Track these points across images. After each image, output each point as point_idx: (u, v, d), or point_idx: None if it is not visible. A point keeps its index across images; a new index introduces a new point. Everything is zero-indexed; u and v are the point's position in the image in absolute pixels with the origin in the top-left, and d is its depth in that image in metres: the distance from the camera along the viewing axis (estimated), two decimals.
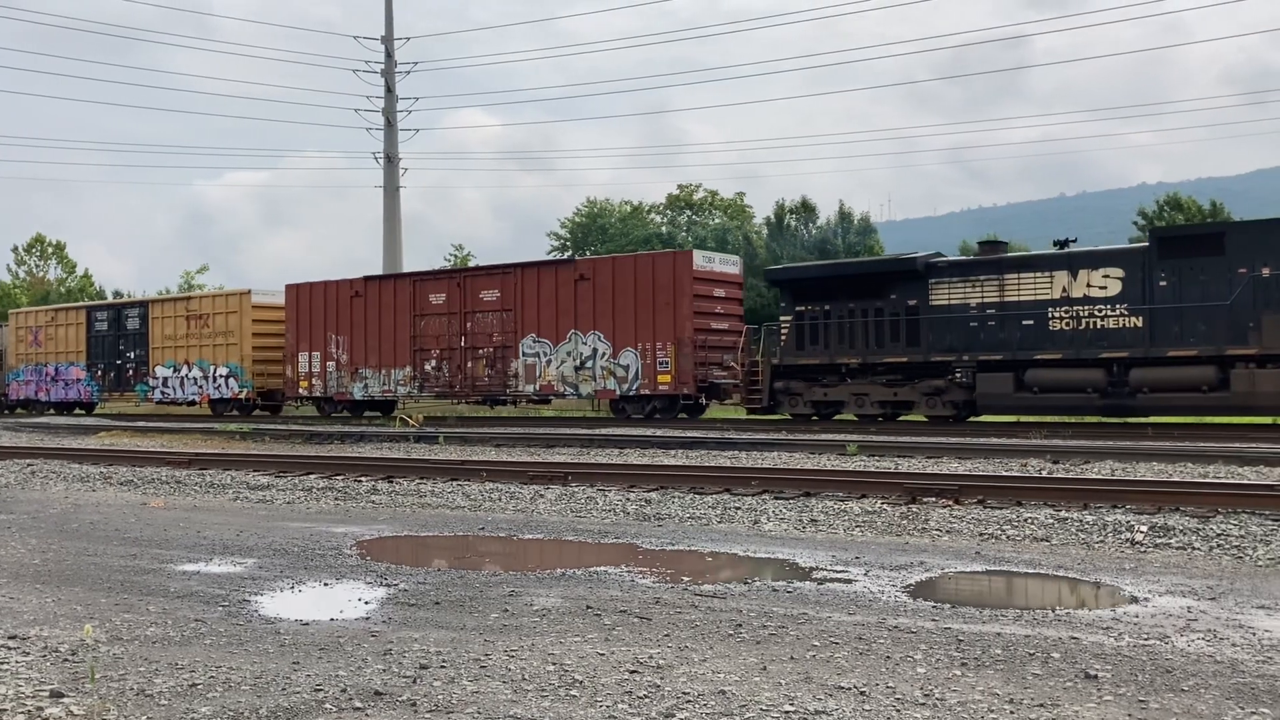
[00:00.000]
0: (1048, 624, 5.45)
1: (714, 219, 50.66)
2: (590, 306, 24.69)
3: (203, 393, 31.60)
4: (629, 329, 24.07)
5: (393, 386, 27.94)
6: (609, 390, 24.50)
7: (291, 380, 29.69)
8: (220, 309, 31.51)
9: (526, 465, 13.45)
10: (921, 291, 20.81)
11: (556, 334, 25.18)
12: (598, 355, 24.49)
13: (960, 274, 20.62)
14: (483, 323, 26.47)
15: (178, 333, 32.37)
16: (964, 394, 20.16)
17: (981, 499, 9.86)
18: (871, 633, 5.26)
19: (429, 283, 27.84)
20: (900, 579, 6.72)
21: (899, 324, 20.96)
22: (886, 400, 20.99)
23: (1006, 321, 20.00)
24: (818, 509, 9.86)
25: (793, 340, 22.15)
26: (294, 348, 29.58)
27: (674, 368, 23.36)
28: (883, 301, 21.20)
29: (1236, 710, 4.03)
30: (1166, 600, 6.01)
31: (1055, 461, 13.50)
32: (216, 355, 31.28)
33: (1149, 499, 9.32)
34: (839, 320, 21.62)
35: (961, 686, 4.34)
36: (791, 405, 22.03)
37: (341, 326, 28.74)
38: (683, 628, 5.40)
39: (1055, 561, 7.34)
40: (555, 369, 25.19)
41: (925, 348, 20.56)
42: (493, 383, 26.25)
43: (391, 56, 44.02)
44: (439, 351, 27.03)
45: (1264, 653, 4.84)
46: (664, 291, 23.56)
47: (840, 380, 21.48)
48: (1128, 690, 4.28)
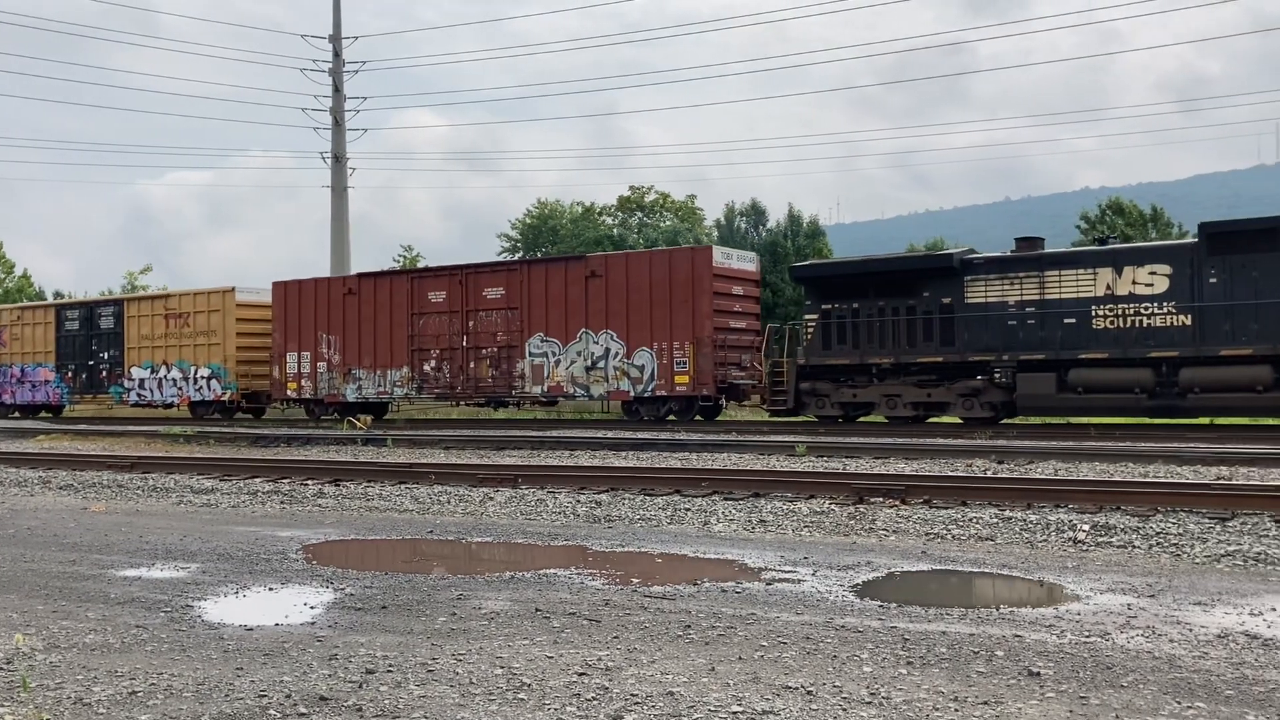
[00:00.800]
0: (992, 622, 5.52)
1: (665, 221, 50.75)
2: (602, 305, 23.63)
3: (183, 395, 30.14)
4: (644, 328, 23.09)
5: (389, 388, 26.77)
6: (622, 391, 23.51)
7: (279, 381, 28.45)
8: (202, 307, 30.01)
9: (476, 468, 13.37)
10: (956, 289, 20.02)
11: (566, 333, 24.13)
12: (610, 355, 23.50)
13: (998, 271, 19.85)
14: (486, 321, 25.35)
15: (155, 332, 30.85)
16: (1002, 395, 19.51)
17: (928, 499, 9.97)
18: (819, 632, 5.29)
19: (428, 280, 26.61)
20: (847, 579, 6.77)
21: (932, 323, 20.15)
22: (919, 402, 20.26)
23: (1047, 320, 19.21)
24: (767, 510, 9.90)
25: (818, 339, 21.27)
26: (281, 348, 28.30)
27: (692, 368, 22.47)
28: (915, 299, 20.35)
29: (1173, 705, 4.10)
30: (1107, 598, 6.11)
31: (1000, 462, 13.69)
32: (198, 355, 29.87)
33: (1091, 498, 9.47)
34: (868, 319, 20.74)
35: (907, 685, 4.38)
36: (818, 407, 21.23)
37: (333, 325, 27.50)
38: (632, 629, 5.40)
39: (1000, 560, 7.43)
40: (565, 369, 24.14)
41: (961, 347, 19.81)
42: (497, 384, 25.15)
43: (339, 56, 43.59)
44: (439, 351, 25.92)
45: (1200, 648, 4.94)
46: (682, 289, 22.66)
47: (870, 381, 20.71)
48: (1069, 687, 4.35)
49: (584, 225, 50.11)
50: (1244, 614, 5.64)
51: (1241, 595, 6.11)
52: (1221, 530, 8.17)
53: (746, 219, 50.37)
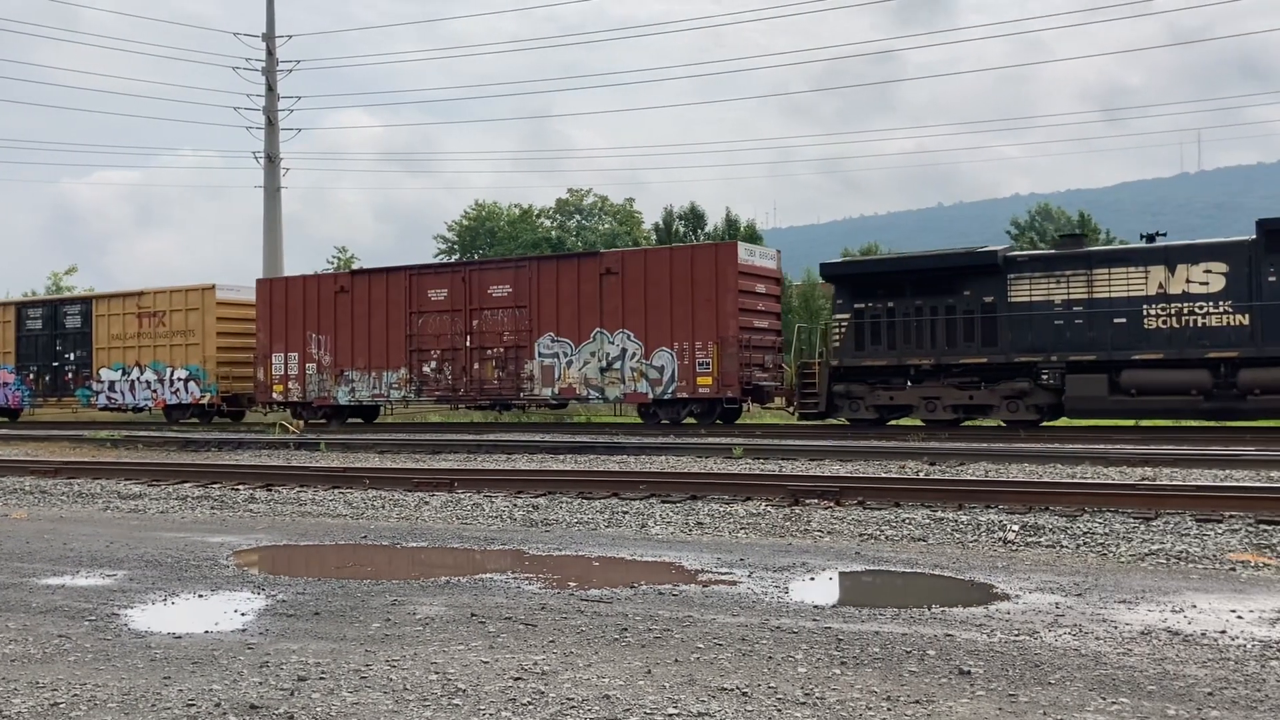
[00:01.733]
0: (924, 622, 5.60)
1: (604, 224, 50.75)
2: (618, 303, 22.81)
3: (157, 397, 28.87)
4: (664, 327, 22.33)
5: (385, 390, 25.69)
6: (640, 393, 22.72)
7: (264, 384, 27.28)
8: (179, 305, 28.70)
9: (411, 472, 13.25)
10: (999, 287, 19.51)
11: (579, 332, 23.28)
12: (627, 355, 22.73)
13: (1043, 268, 19.41)
14: (492, 321, 24.41)
15: (127, 332, 29.48)
16: (1049, 397, 19.10)
17: (861, 500, 10.09)
18: (755, 634, 5.32)
19: (428, 276, 25.60)
20: (783, 580, 6.82)
21: (974, 322, 19.65)
22: (960, 404, 19.79)
23: (1096, 319, 18.78)
24: (704, 512, 9.95)
25: (850, 340, 20.65)
26: (267, 348, 27.13)
27: (716, 369, 21.74)
28: (955, 298, 19.86)
29: (1099, 701, 4.19)
30: (1036, 597, 6.23)
31: (932, 463, 13.89)
32: (174, 356, 28.60)
33: (1020, 499, 9.65)
34: (904, 318, 20.18)
35: (841, 685, 4.42)
36: (852, 410, 20.62)
37: (324, 325, 26.41)
38: (568, 633, 5.39)
39: (932, 561, 7.54)
40: (577, 370, 23.31)
41: (1004, 347, 19.36)
42: (504, 386, 24.23)
43: (273, 54, 42.99)
44: (440, 352, 24.93)
45: (1124, 645, 5.05)
46: (704, 286, 21.92)
47: (907, 383, 20.15)
48: (999, 685, 4.42)
49: (522, 227, 49.93)
50: (1166, 611, 5.78)
51: (1164, 593, 6.26)
52: (1146, 530, 8.37)
53: (685, 223, 50.60)
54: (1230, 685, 4.37)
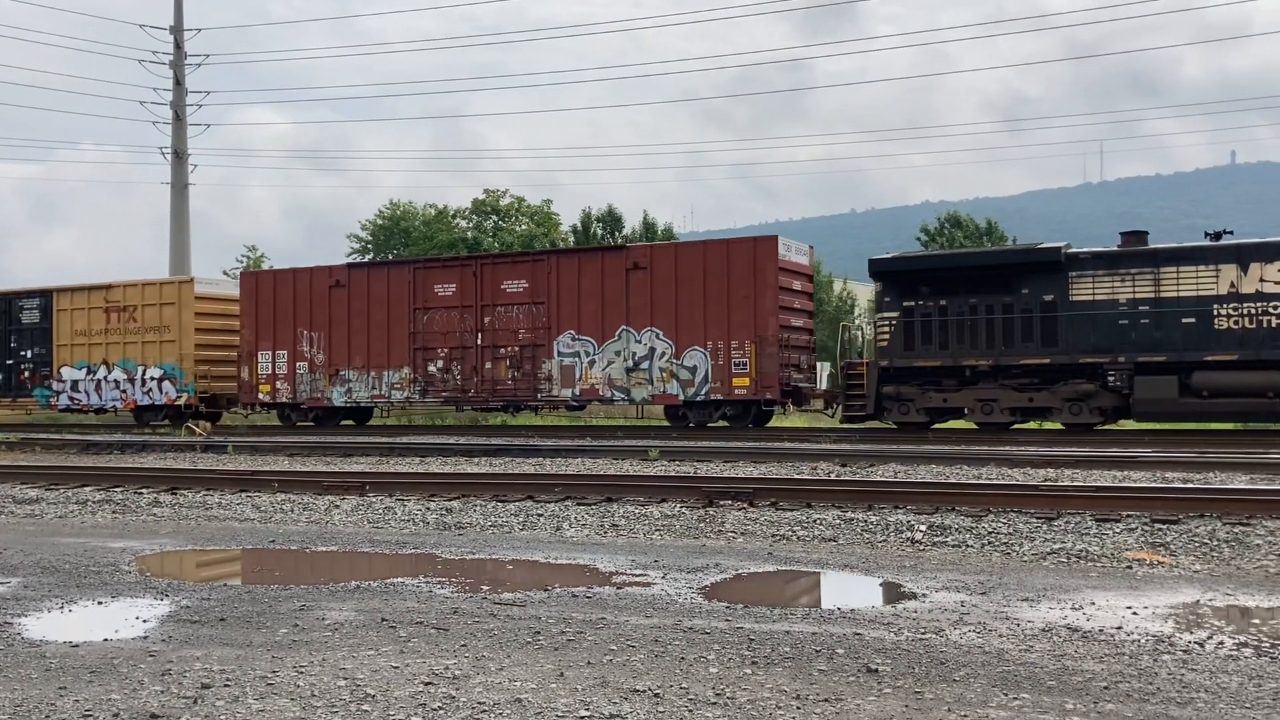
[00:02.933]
0: (833, 621, 5.68)
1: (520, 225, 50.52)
2: (646, 299, 21.64)
3: (127, 398, 27.01)
4: (696, 325, 21.22)
5: (385, 390, 24.21)
6: (670, 395, 21.60)
7: (249, 384, 25.58)
8: (153, 300, 26.73)
9: (321, 475, 13.04)
10: (1060, 285, 18.79)
11: (602, 331, 22.07)
12: (655, 355, 21.61)
13: (1107, 267, 18.70)
14: (505, 318, 23.05)
15: (93, 328, 27.44)
16: (1115, 399, 18.48)
17: (774, 501, 10.20)
18: (667, 635, 5.35)
19: (434, 271, 24.21)
20: (696, 581, 6.86)
21: (1032, 322, 18.92)
22: (1018, 407, 19.07)
23: (1163, 319, 18.15)
24: (619, 514, 9.96)
25: (898, 340, 19.76)
26: (252, 346, 25.46)
27: (754, 369, 20.73)
28: (1012, 296, 19.09)
29: (1001, 696, 4.30)
30: (942, 595, 6.36)
31: (843, 464, 14.10)
32: (147, 354, 26.64)
33: (928, 500, 9.85)
34: (957, 317, 19.38)
35: (751, 685, 4.46)
36: (901, 413, 19.79)
37: (317, 321, 24.78)
38: (481, 637, 5.35)
39: (842, 561, 7.65)
40: (601, 370, 22.09)
41: (1065, 347, 18.67)
42: (519, 386, 22.91)
43: (181, 48, 41.96)
44: (447, 351, 23.50)
45: (1026, 642, 5.19)
46: (742, 283, 20.92)
47: (962, 385, 19.40)
48: (905, 682, 4.50)
49: (437, 228, 49.45)
50: (1066, 608, 5.95)
51: (1064, 591, 6.44)
52: (1048, 529, 8.60)
53: (603, 225, 50.62)
54: (1125, 679, 4.52)
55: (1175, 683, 4.46)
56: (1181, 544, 7.94)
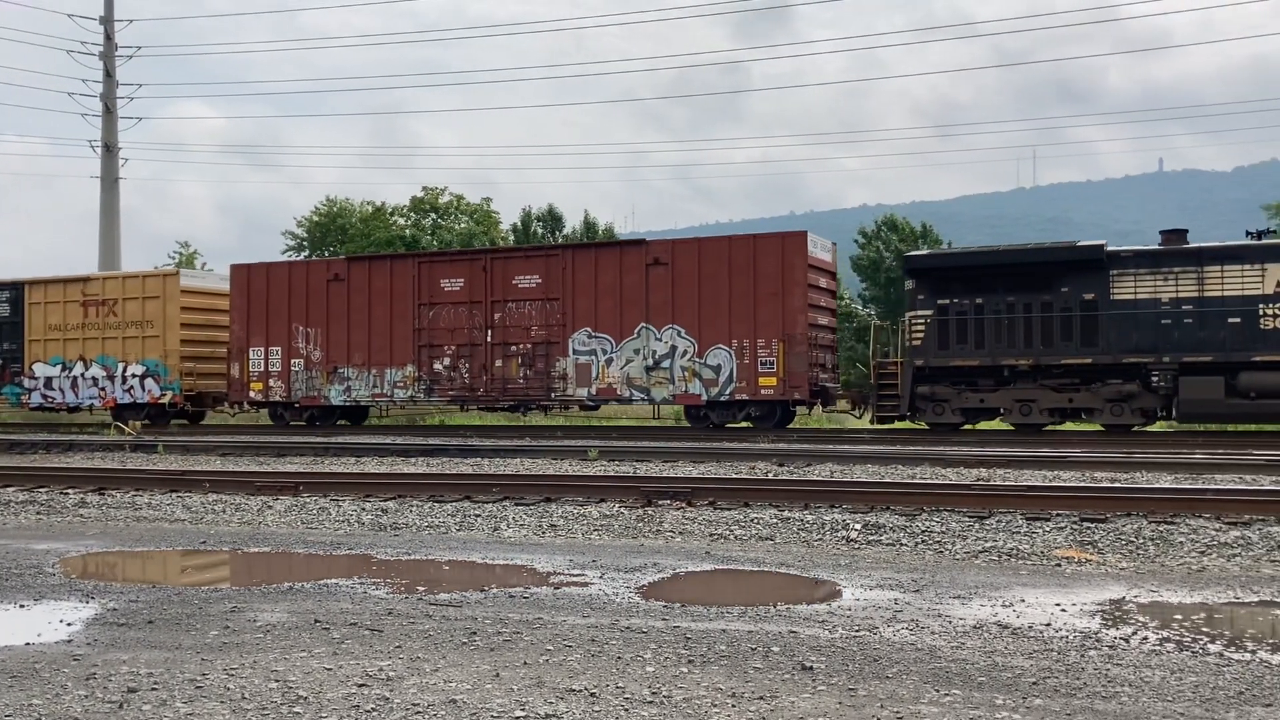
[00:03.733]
0: (769, 619, 5.72)
1: (460, 223, 50.16)
2: (667, 296, 21.02)
3: (106, 396, 25.75)
4: (720, 323, 20.62)
5: (387, 389, 23.27)
6: (692, 395, 20.97)
7: (239, 381, 24.45)
8: (135, 293, 25.56)
9: (254, 475, 12.84)
10: (1100, 284, 18.50)
11: (620, 328, 21.37)
12: (677, 353, 20.97)
13: (1149, 265, 18.44)
14: (517, 314, 22.23)
15: (69, 322, 26.06)
16: (1157, 400, 18.26)
17: (712, 501, 10.24)
18: (604, 634, 5.34)
19: (441, 265, 23.26)
20: (634, 580, 6.86)
21: (1072, 321, 18.62)
22: (1057, 407, 18.75)
23: (1207, 319, 17.94)
24: (557, 514, 9.93)
25: (932, 338, 19.34)
26: (243, 342, 24.37)
27: (781, 369, 20.19)
28: (1051, 295, 18.76)
29: (933, 693, 4.36)
30: (876, 593, 6.43)
31: (781, 464, 14.20)
32: (128, 350, 25.39)
33: (863, 499, 9.96)
34: (994, 315, 19.01)
35: (688, 683, 4.48)
36: (936, 413, 19.38)
37: (313, 317, 23.82)
38: (415, 638, 5.31)
39: (778, 559, 7.71)
40: (619, 369, 21.38)
41: (1105, 347, 18.41)
42: (531, 385, 22.11)
43: (111, 39, 41.06)
44: (454, 348, 22.65)
45: (958, 639, 5.26)
46: (769, 280, 20.35)
47: (998, 385, 19.05)
48: (839, 679, 4.55)
49: (375, 225, 48.93)
50: (997, 606, 6.05)
51: (995, 588, 6.55)
52: (980, 528, 8.73)
53: (543, 224, 50.44)
54: (1053, 675, 4.60)
55: (1101, 677, 4.56)
56: (1109, 542, 8.11)
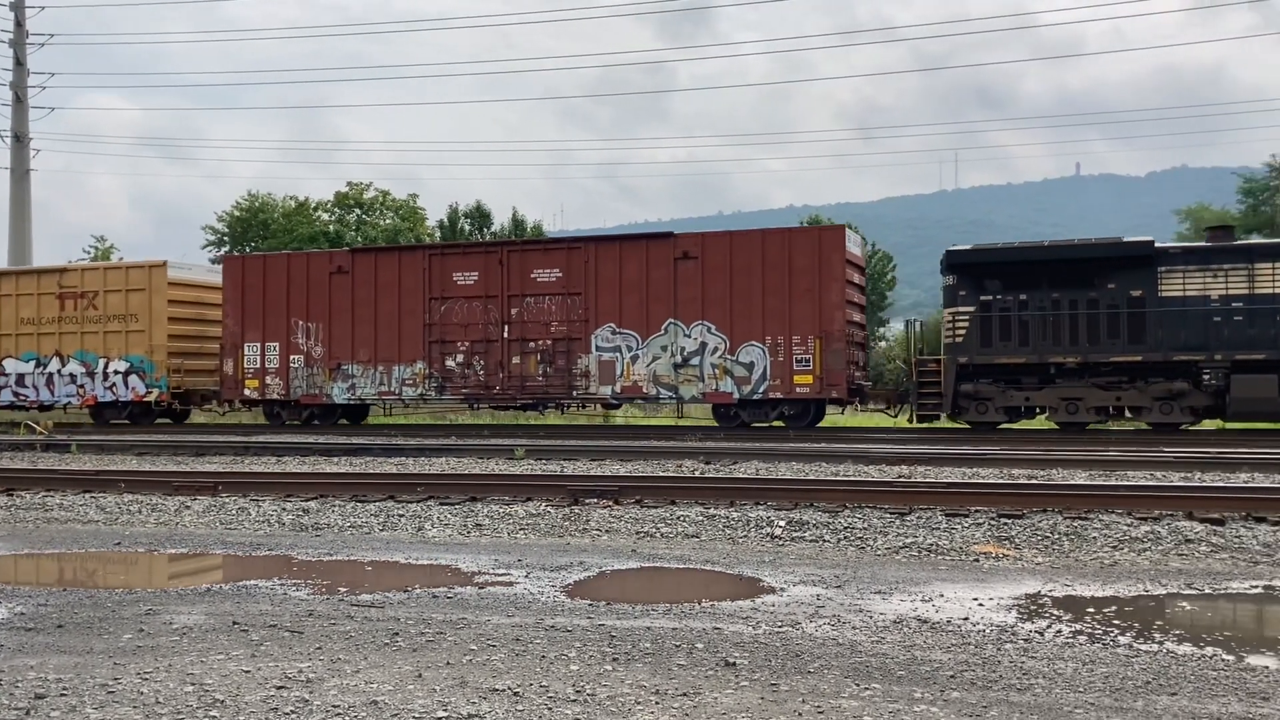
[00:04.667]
0: (694, 616, 5.74)
1: (385, 219, 49.59)
2: (697, 291, 20.53)
3: (86, 394, 24.55)
4: (753, 319, 20.18)
5: (395, 387, 22.45)
6: (723, 393, 20.48)
7: (233, 379, 23.48)
8: (117, 285, 24.48)
9: (171, 475, 12.57)
10: (1148, 280, 18.39)
11: (647, 324, 20.83)
12: (707, 350, 20.50)
13: (1199, 262, 18.34)
14: (536, 309, 21.56)
15: (43, 315, 24.92)
16: (1208, 398, 18.17)
17: (639, 499, 10.26)
18: (529, 634, 5.33)
19: (454, 258, 22.42)
20: (560, 579, 6.85)
21: (1119, 318, 18.49)
22: (1105, 406, 18.58)
23: (1259, 316, 17.85)
24: (483, 513, 9.87)
25: (974, 335, 19.08)
26: (238, 337, 23.40)
27: (818, 366, 19.80)
28: (1097, 291, 18.61)
29: (853, 687, 4.42)
30: (800, 589, 6.50)
31: (707, 462, 14.28)
32: (110, 345, 24.29)
33: (788, 496, 10.06)
34: (1039, 312, 18.83)
35: (611, 681, 4.48)
36: (979, 412, 19.11)
37: (314, 311, 22.92)
38: (336, 639, 5.24)
39: (704, 557, 7.75)
40: (645, 367, 20.83)
41: (1153, 345, 18.31)
42: (551, 383, 21.45)
43: (22, 26, 39.85)
44: (468, 344, 21.90)
45: (878, 633, 5.34)
46: (804, 275, 19.95)
47: (1043, 383, 18.82)
48: (762, 675, 4.59)
49: (298, 220, 48.16)
50: (917, 601, 6.15)
51: (915, 583, 6.66)
52: (901, 524, 8.87)
53: (471, 221, 50.10)
54: (970, 668, 4.70)
55: (1016, 670, 4.66)
56: (1025, 537, 8.29)
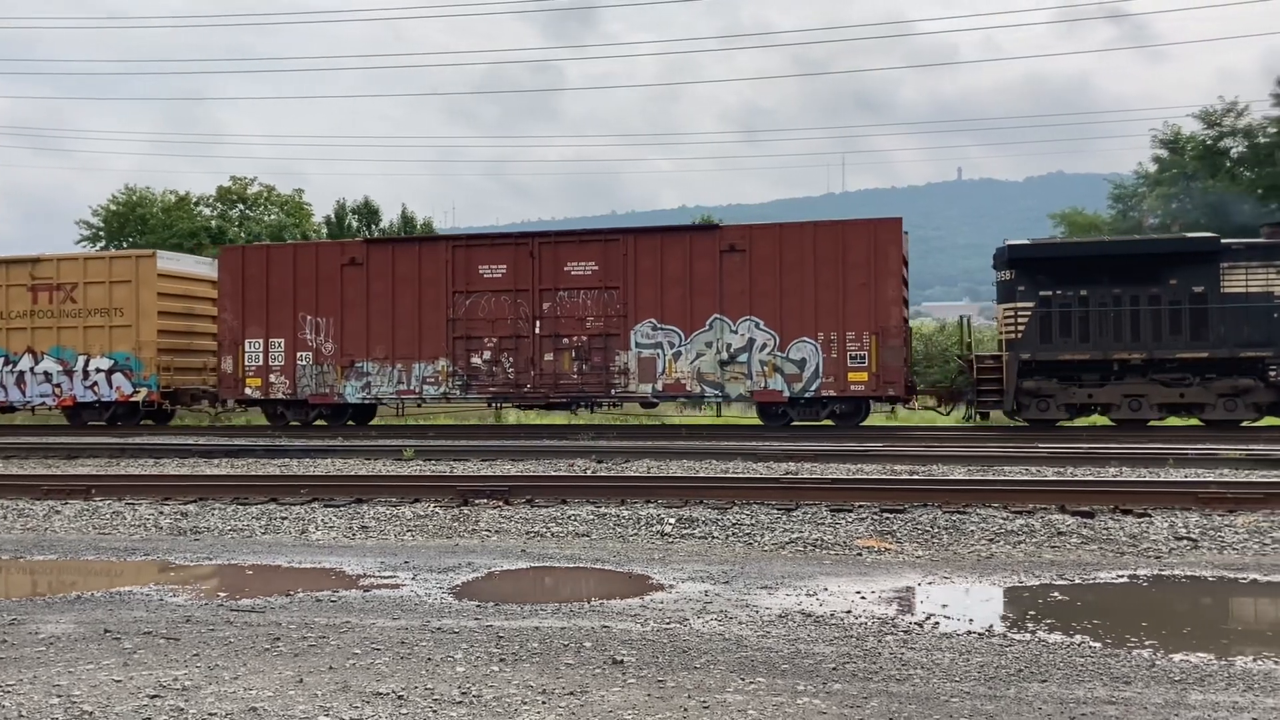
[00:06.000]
0: (583, 615, 5.75)
1: (270, 215, 48.38)
2: (745, 285, 19.88)
3: (63, 394, 22.82)
4: (805, 315, 19.60)
5: (415, 385, 21.27)
6: (773, 391, 19.78)
7: (232, 377, 21.95)
8: (99, 276, 22.81)
9: (40, 479, 12.05)
10: (1210, 277, 18.40)
11: (690, 320, 20.12)
12: (755, 347, 19.84)
13: (1261, 258, 18.38)
14: (570, 304, 20.64)
15: (13, 309, 23.11)
16: (1274, 394, 18.20)
17: (530, 499, 10.21)
18: (414, 636, 5.26)
19: (480, 250, 21.27)
20: (447, 581, 6.78)
21: (1181, 314, 18.48)
22: (1167, 403, 18.59)
23: None
24: (369, 515, 9.71)
25: (1033, 331, 18.91)
26: (238, 333, 21.93)
27: (874, 363, 19.35)
28: (1159, 287, 18.57)
29: (739, 681, 4.47)
30: (688, 586, 6.56)
31: (599, 461, 14.30)
32: (91, 342, 22.65)
33: (678, 493, 10.13)
34: (1099, 308, 18.69)
35: (498, 682, 4.45)
36: (1040, 409, 18.94)
37: (324, 305, 21.65)
38: (215, 646, 5.09)
39: (594, 555, 7.76)
40: (688, 364, 20.10)
41: (1216, 341, 18.32)
42: (587, 381, 20.56)
43: None
44: (495, 340, 20.87)
45: (764, 628, 5.42)
46: (859, 269, 19.47)
47: (1104, 379, 18.76)
48: (649, 672, 4.61)
49: (178, 215, 46.68)
50: (802, 595, 6.25)
51: (800, 578, 6.78)
52: (787, 520, 9.01)
53: (359, 217, 49.20)
54: (852, 660, 4.80)
55: (896, 661, 4.78)
56: (906, 531, 8.51)
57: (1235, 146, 39.62)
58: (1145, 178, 42.08)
